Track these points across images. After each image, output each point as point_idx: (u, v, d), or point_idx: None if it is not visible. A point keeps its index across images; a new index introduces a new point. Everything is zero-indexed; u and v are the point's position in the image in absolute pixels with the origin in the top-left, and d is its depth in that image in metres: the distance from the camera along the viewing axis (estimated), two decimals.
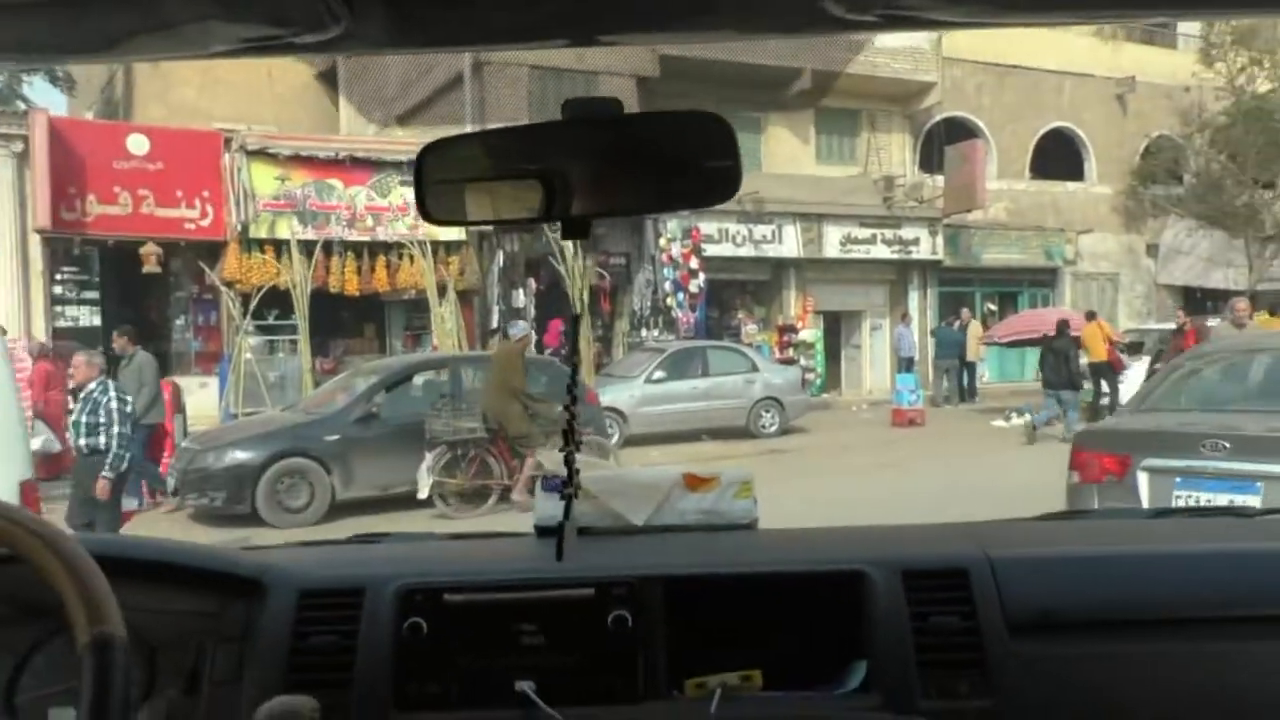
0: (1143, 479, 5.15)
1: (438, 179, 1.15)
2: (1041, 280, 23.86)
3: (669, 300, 18.41)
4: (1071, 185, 24.18)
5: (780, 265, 20.75)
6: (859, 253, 21.01)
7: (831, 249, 20.73)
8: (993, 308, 22.37)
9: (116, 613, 0.99)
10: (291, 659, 1.53)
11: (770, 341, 20.43)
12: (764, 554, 1.74)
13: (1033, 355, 17.94)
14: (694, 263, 18.62)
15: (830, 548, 1.76)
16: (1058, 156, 24.00)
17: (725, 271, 20.09)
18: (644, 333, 18.35)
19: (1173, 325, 16.73)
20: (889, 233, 21.28)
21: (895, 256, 21.44)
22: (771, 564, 1.66)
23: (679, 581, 1.60)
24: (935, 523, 1.91)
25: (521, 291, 17.12)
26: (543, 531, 1.77)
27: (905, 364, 20.75)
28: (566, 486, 1.56)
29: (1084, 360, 15.03)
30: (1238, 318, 10.01)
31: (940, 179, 21.32)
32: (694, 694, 1.53)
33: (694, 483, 1.86)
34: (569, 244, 15.17)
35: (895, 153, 22.21)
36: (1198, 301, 24.55)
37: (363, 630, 1.55)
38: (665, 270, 18.43)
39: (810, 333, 20.21)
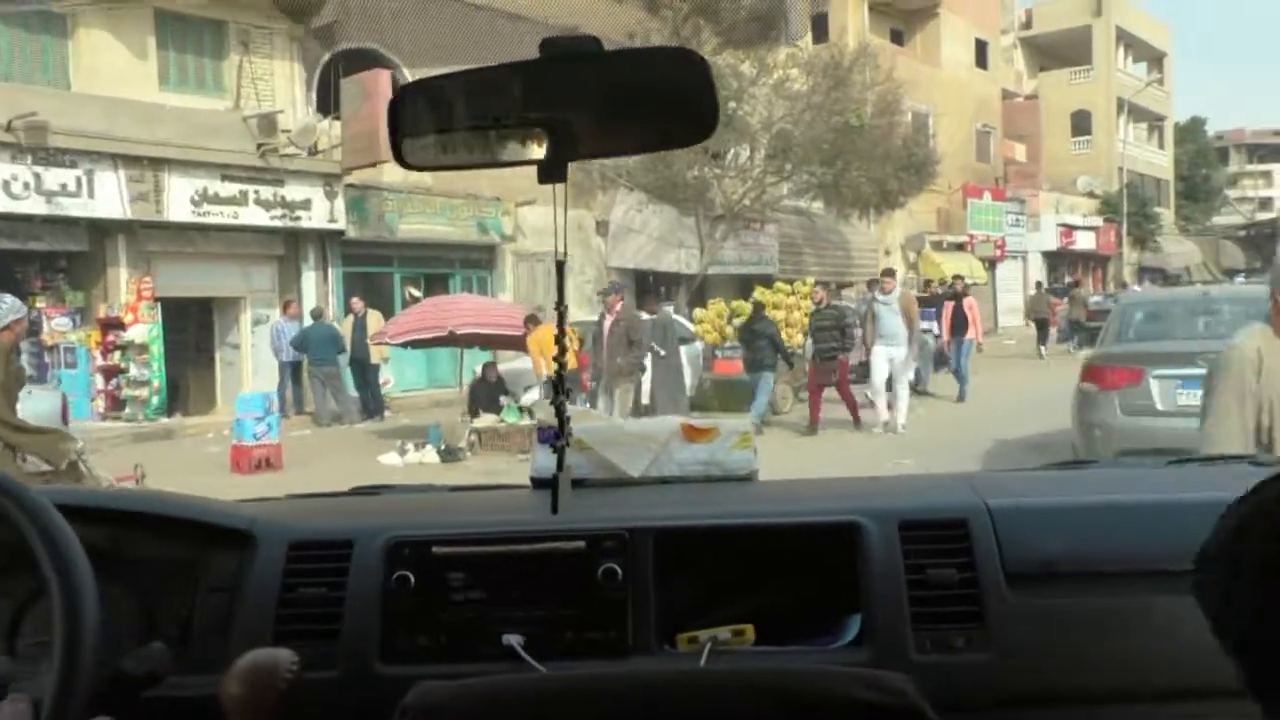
0: (1154, 385, 7.55)
1: (413, 123, 1.19)
2: (477, 260, 20.10)
3: None
4: None
5: (102, 230, 14.61)
6: (222, 216, 15.50)
7: (179, 210, 15.00)
8: (416, 293, 18.04)
9: (80, 555, 1.11)
10: (279, 610, 1.57)
11: (90, 343, 14.28)
12: (760, 505, 1.77)
13: (442, 356, 13.93)
14: None
15: (828, 499, 1.79)
16: None
17: (8, 237, 13.57)
18: None
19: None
20: (268, 191, 16.03)
21: (278, 224, 16.26)
22: (767, 516, 1.68)
23: (671, 533, 1.62)
24: (936, 473, 2.04)
25: None
26: (538, 483, 1.83)
27: (290, 371, 15.70)
28: (559, 438, 1.48)
29: (542, 374, 12.31)
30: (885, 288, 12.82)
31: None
32: (685, 648, 1.56)
33: (692, 433, 1.90)
34: None
35: (281, 85, 16.93)
36: (650, 287, 22.37)
37: (351, 582, 1.58)
38: None
39: (142, 329, 14.32)
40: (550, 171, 1.16)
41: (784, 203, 23.42)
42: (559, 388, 1.44)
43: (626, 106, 1.13)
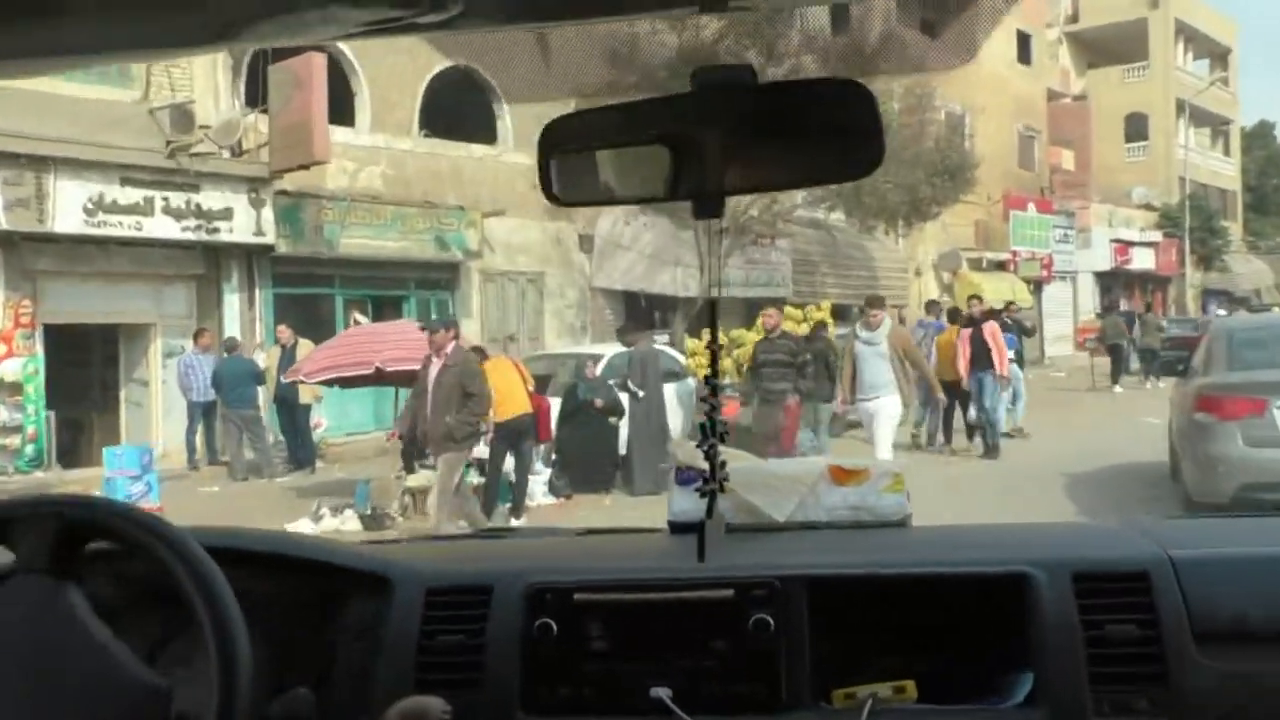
0: (1279, 414, 8.00)
1: (561, 158, 1.30)
2: (436, 280, 18.73)
3: None
4: (480, 149, 19.40)
5: None
6: (122, 228, 14.13)
7: (69, 219, 13.64)
8: (362, 319, 16.63)
9: (233, 603, 1.19)
10: (419, 658, 1.66)
11: None
12: (918, 553, 1.80)
13: (377, 395, 12.51)
14: None
15: (991, 547, 1.82)
16: (460, 108, 19.06)
17: None
18: None
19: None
20: (179, 198, 14.68)
21: (193, 236, 14.89)
22: (926, 564, 1.71)
23: (825, 582, 1.66)
24: (1106, 520, 2.04)
25: None
26: (677, 528, 1.92)
27: (202, 413, 14.33)
28: (709, 481, 1.64)
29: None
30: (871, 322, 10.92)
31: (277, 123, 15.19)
32: (841, 705, 1.60)
33: (841, 475, 1.96)
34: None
35: (200, 73, 15.61)
36: (642, 312, 20.99)
37: (490, 629, 1.66)
38: None
39: (15, 365, 12.91)
40: (706, 207, 1.23)
41: (798, 213, 22.18)
42: (711, 428, 1.58)
43: (786, 139, 1.19)
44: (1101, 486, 10.68)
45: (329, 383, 11.77)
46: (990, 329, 14.23)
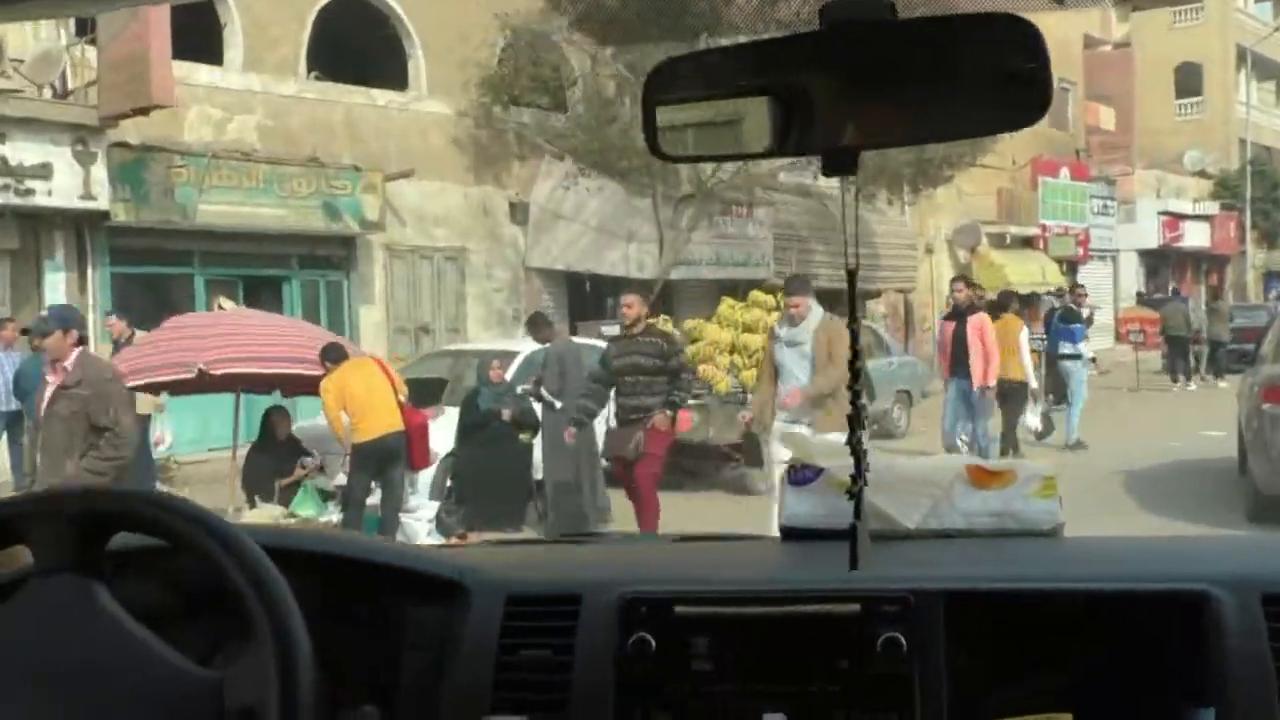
0: None
1: (668, 107, 1.28)
2: (325, 257, 17.23)
3: None
4: (384, 95, 17.89)
5: None
6: None
7: None
8: (228, 304, 15.08)
9: (296, 610, 1.24)
10: (498, 674, 1.66)
11: None
12: (1072, 567, 1.83)
13: (249, 402, 11.03)
14: None
15: (1160, 562, 1.85)
16: (359, 46, 17.55)
17: None
18: None
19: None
20: None
21: (0, 199, 13.33)
22: (1084, 579, 1.73)
23: (965, 598, 1.66)
24: None
25: None
26: (789, 533, 1.97)
27: (6, 425, 12.86)
28: (856, 480, 1.61)
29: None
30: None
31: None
32: None
33: (981, 477, 1.98)
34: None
35: None
36: (585, 298, 19.52)
37: (579, 644, 1.66)
38: None
39: None
40: (839, 162, 1.24)
41: (781, 178, 20.75)
42: (856, 417, 1.56)
43: (932, 84, 1.20)
44: (1158, 483, 10.90)
45: (148, 388, 10.22)
46: (978, 324, 12.54)
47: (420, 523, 10.12)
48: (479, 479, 10.69)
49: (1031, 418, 14.58)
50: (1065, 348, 16.14)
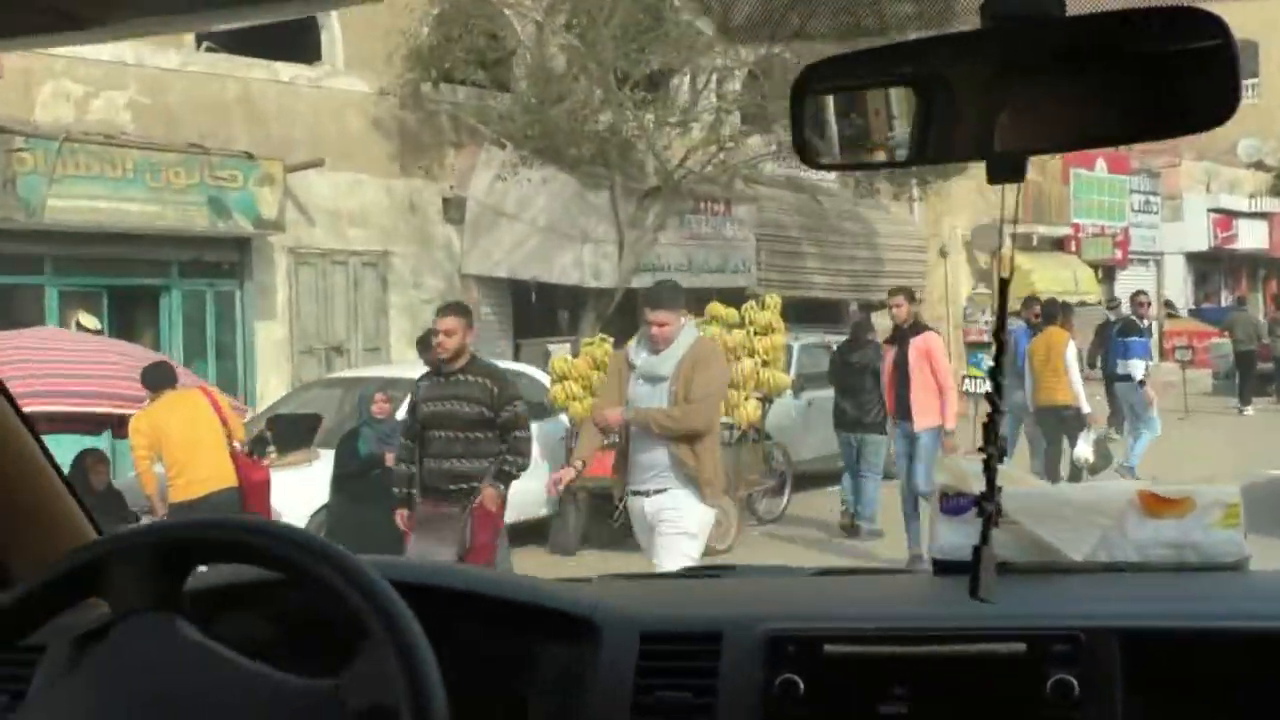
0: None
1: (818, 111, 1.35)
2: (215, 263, 16.01)
3: None
4: (289, 69, 16.75)
5: None
6: None
7: None
8: (89, 322, 13.89)
9: (429, 648, 1.26)
10: (634, 717, 1.72)
11: None
12: (1261, 604, 1.85)
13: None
14: None
15: None
16: None
17: None
18: None
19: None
20: None
21: None
22: (1273, 618, 1.74)
23: (1141, 637, 1.69)
24: None
25: None
26: (943, 567, 2.02)
27: None
28: (987, 501, 1.61)
29: None
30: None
31: None
32: None
33: (1156, 505, 2.01)
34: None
35: None
36: (530, 311, 18.30)
37: (722, 685, 1.71)
38: None
39: None
40: (1003, 169, 1.27)
41: (767, 169, 19.61)
42: (991, 435, 1.58)
43: (1106, 83, 1.22)
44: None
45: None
46: (922, 347, 10.67)
47: None
48: (359, 540, 9.49)
49: (1084, 446, 13.34)
50: (1126, 367, 15.03)
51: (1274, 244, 35.68)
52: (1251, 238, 34.81)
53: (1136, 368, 14.99)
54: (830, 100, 1.32)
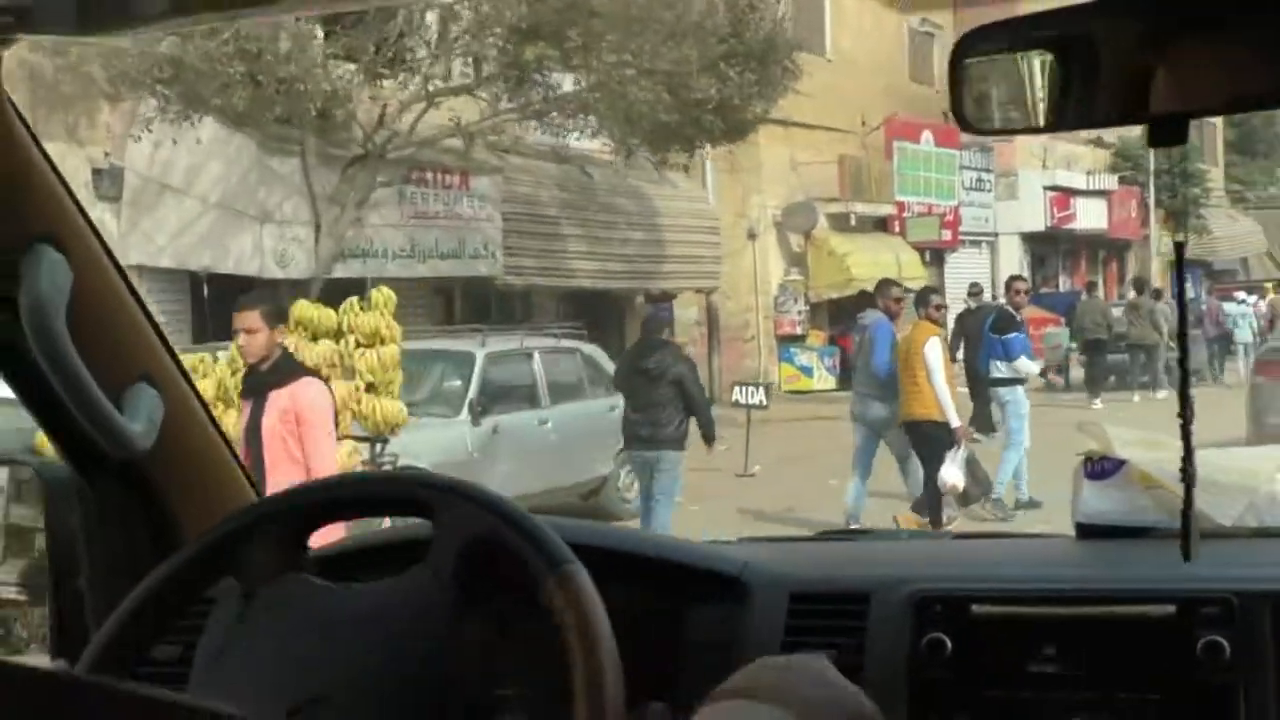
0: None
1: (978, 75, 1.37)
2: None
3: None
4: None
5: None
6: None
7: None
8: None
9: (600, 604, 1.27)
10: None
11: None
12: None
13: None
14: None
15: None
16: None
17: None
18: None
19: None
20: None
21: None
22: None
23: None
24: None
25: None
26: (1086, 530, 2.03)
27: None
28: (1189, 463, 1.66)
29: None
30: None
31: None
32: None
33: None
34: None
35: None
36: (203, 310, 14.80)
37: (869, 644, 1.73)
38: None
39: None
40: (1167, 132, 1.28)
41: (519, 138, 16.44)
42: (1184, 398, 1.66)
43: (1267, 39, 1.20)
44: None
45: None
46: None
47: None
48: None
49: (950, 469, 10.25)
50: (1002, 368, 12.22)
51: (1114, 224, 34.61)
52: (1090, 217, 33.82)
53: (1028, 368, 12.33)
54: (987, 66, 1.34)
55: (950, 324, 16.18)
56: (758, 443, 15.09)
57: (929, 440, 10.41)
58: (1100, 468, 1.99)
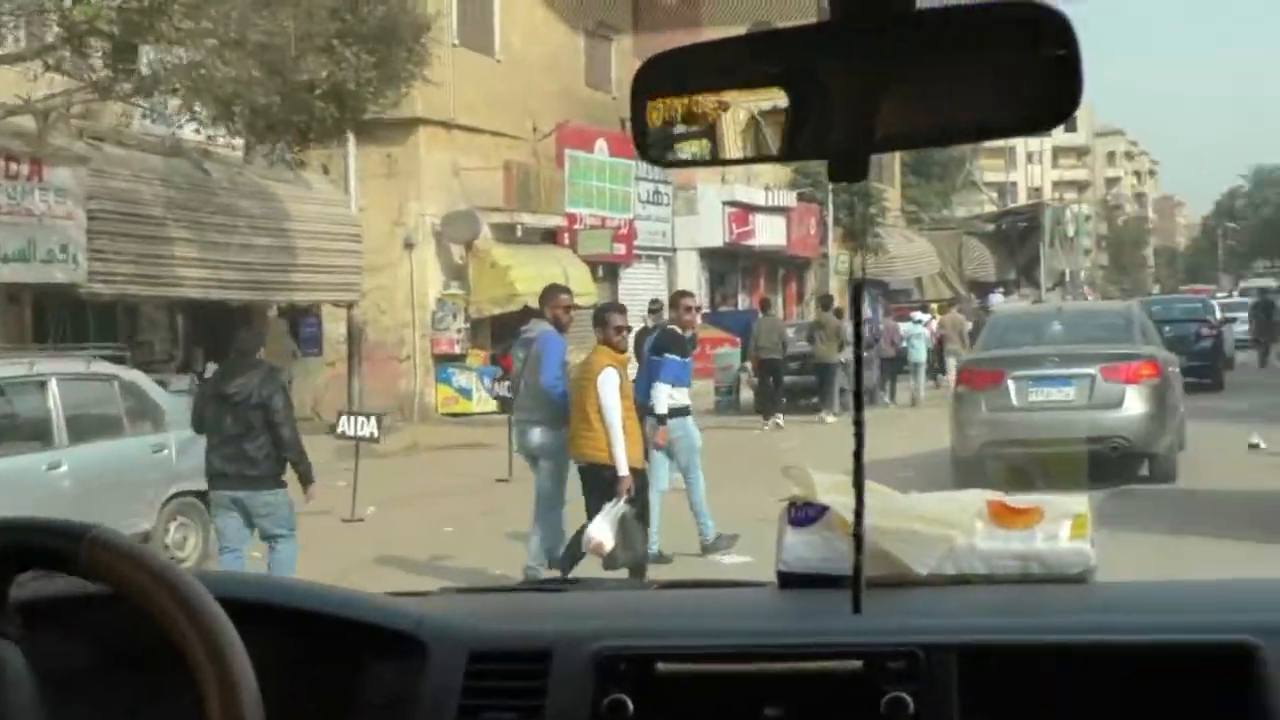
0: (1011, 385, 13.22)
1: (659, 106, 1.36)
2: None
3: None
4: None
5: None
6: None
7: None
8: None
9: (250, 675, 1.16)
10: None
11: None
12: (1104, 616, 1.83)
13: None
14: None
15: (1201, 609, 1.84)
16: None
17: None
18: None
19: None
20: None
21: None
22: (1116, 630, 1.74)
23: (981, 652, 1.67)
24: None
25: None
26: (787, 579, 1.97)
27: None
28: (859, 519, 1.70)
29: None
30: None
31: None
32: None
33: (1005, 516, 1.98)
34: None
35: None
36: None
37: (550, 706, 1.68)
38: None
39: None
40: (846, 168, 1.28)
41: (123, 127, 14.20)
42: (858, 447, 1.66)
43: (951, 81, 1.24)
44: None
45: None
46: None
47: None
48: None
49: (601, 524, 8.27)
50: (665, 395, 10.26)
51: (793, 241, 34.42)
52: (769, 234, 33.65)
53: (659, 397, 10.21)
54: (673, 94, 1.30)
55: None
56: (392, 479, 13.39)
57: (600, 487, 8.67)
58: (803, 514, 1.95)
